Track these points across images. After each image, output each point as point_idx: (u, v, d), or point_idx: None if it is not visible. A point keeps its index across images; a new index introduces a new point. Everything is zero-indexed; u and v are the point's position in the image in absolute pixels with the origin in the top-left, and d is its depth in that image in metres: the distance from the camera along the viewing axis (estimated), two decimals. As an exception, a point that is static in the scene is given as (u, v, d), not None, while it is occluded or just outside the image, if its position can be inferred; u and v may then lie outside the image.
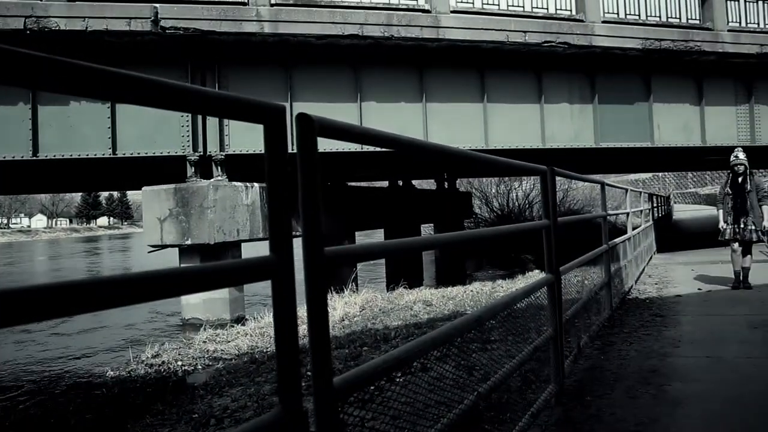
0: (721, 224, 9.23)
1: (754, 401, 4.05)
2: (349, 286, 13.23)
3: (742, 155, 9.10)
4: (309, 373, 1.52)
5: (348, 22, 13.31)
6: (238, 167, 13.86)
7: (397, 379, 4.68)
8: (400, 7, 13.92)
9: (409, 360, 2.05)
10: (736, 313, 7.22)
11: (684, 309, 7.74)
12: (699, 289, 9.44)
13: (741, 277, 9.15)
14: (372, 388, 4.08)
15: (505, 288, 11.88)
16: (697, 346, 5.68)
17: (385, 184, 26.17)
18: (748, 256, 9.14)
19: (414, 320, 9.36)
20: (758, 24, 17.65)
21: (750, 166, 9.20)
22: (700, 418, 3.83)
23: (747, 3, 17.73)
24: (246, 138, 13.32)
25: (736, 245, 9.10)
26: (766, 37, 17.38)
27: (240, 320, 12.38)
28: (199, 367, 8.20)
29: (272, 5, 12.95)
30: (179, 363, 8.32)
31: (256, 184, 13.37)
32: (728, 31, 16.95)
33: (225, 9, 12.67)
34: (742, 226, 9.00)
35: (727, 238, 9.14)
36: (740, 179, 9.07)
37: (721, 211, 9.32)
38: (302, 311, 1.50)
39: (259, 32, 12.87)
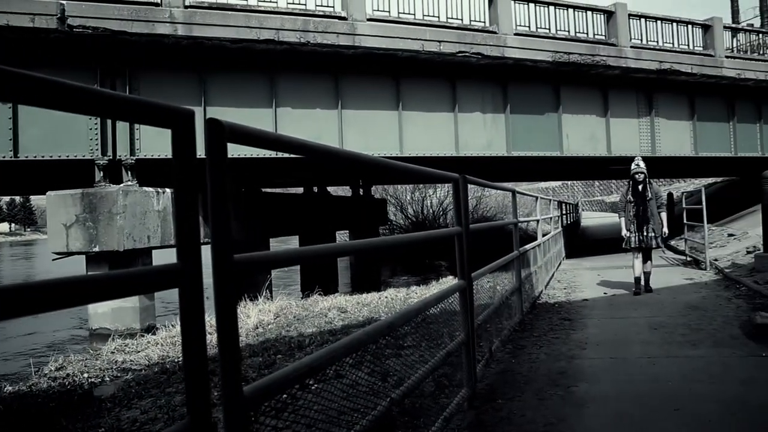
0: (624, 232, 9.37)
1: (654, 399, 4.24)
2: (264, 294, 13.05)
3: (642, 164, 9.36)
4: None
5: (264, 26, 13.18)
6: (150, 172, 13.49)
7: (312, 387, 4.65)
8: (316, 13, 13.89)
9: (321, 367, 2.03)
10: (638, 316, 7.53)
11: (591, 312, 8.01)
12: (604, 293, 9.79)
13: (642, 282, 9.37)
14: (285, 396, 4.04)
15: (419, 294, 11.97)
16: (602, 347, 5.89)
17: (300, 190, 26.04)
18: (649, 261, 9.41)
19: (329, 327, 9.31)
20: (657, 42, 18.57)
21: (650, 176, 9.55)
22: (605, 416, 3.98)
23: (648, 21, 18.64)
24: (158, 142, 12.97)
25: (636, 252, 9.32)
26: (665, 54, 18.32)
27: (151, 329, 12.01)
28: (107, 378, 7.89)
29: (186, 7, 12.68)
30: (85, 375, 7.99)
31: (168, 190, 13.04)
32: (631, 47, 17.76)
33: (137, 9, 12.30)
34: (644, 233, 9.19)
35: (632, 246, 9.29)
36: (641, 187, 9.25)
37: (623, 219, 9.46)
38: (214, 319, 1.47)
39: (173, 34, 12.57)
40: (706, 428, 3.67)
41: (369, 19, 14.29)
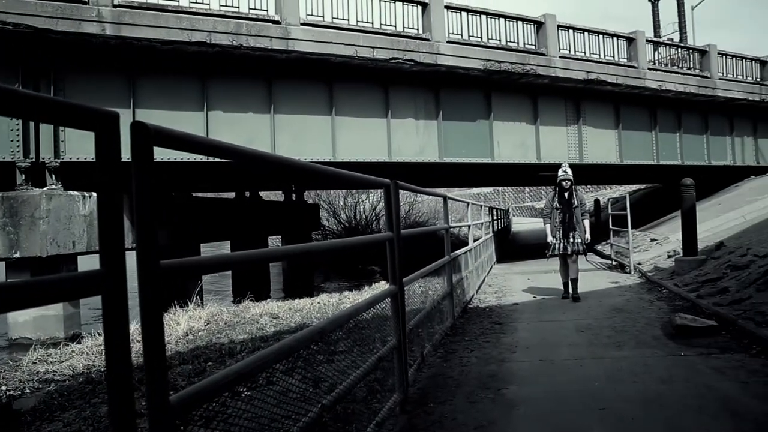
0: (550, 238, 9.44)
1: (579, 399, 4.36)
2: (194, 300, 12.80)
3: (569, 171, 9.45)
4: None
5: (196, 28, 12.96)
6: (76, 175, 13.06)
7: (243, 394, 4.59)
8: (249, 16, 13.73)
9: (250, 374, 2.01)
10: (566, 319, 7.72)
11: (521, 316, 8.16)
12: (534, 297, 9.98)
13: (570, 288, 9.42)
14: (216, 404, 3.97)
15: (351, 299, 11.97)
16: (531, 350, 6.01)
17: (232, 195, 25.69)
18: (575, 268, 9.42)
19: (260, 333, 9.22)
20: (585, 52, 19.11)
21: (578, 183, 9.74)
22: (534, 417, 4.06)
23: (576, 33, 19.16)
24: (84, 144, 12.55)
25: (562, 259, 9.40)
26: (592, 64, 18.88)
27: (76, 338, 11.62)
28: (27, 390, 7.60)
29: (115, 6, 12.33)
30: (3, 388, 7.68)
31: (95, 194, 12.61)
32: (560, 57, 18.21)
33: (62, 6, 11.86)
34: (570, 240, 9.25)
35: (558, 252, 9.35)
36: (567, 194, 9.30)
37: (548, 225, 9.53)
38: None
39: (100, 34, 12.20)
40: (629, 426, 3.80)
41: (303, 24, 14.22)
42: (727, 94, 22.81)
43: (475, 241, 10.75)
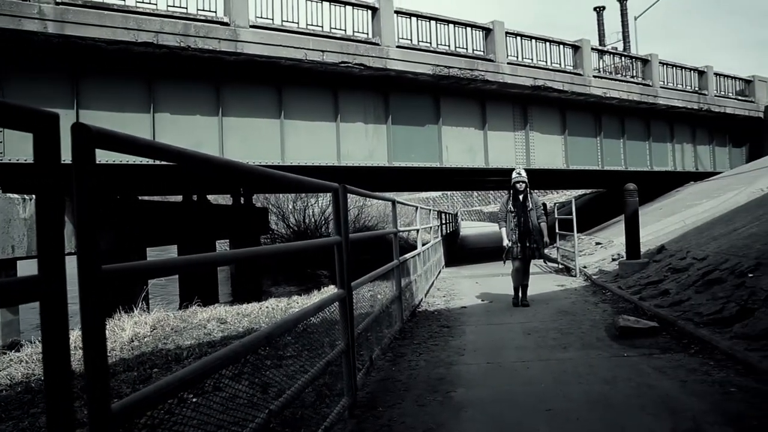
0: (506, 242, 9.12)
1: (527, 400, 4.42)
2: (140, 305, 12.55)
3: (523, 173, 9.24)
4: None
5: (142, 29, 12.72)
6: (17, 178, 12.69)
7: (191, 401, 4.51)
8: (198, 17, 13.55)
9: (195, 381, 1.98)
10: (514, 322, 7.82)
11: (469, 319, 8.23)
12: (482, 300, 10.07)
13: (520, 294, 9.20)
14: (161, 411, 3.90)
15: (300, 304, 11.91)
16: (479, 353, 6.06)
17: (179, 198, 25.30)
18: (527, 273, 9.27)
19: (208, 339, 9.10)
20: (532, 59, 19.42)
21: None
22: (481, 419, 4.10)
23: (523, 40, 19.45)
24: (25, 146, 12.16)
25: (518, 263, 9.09)
26: (539, 71, 19.20)
27: (14, 346, 11.26)
28: (-39, 401, 7.33)
29: (58, 4, 11.99)
30: (-65, 398, 7.39)
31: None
32: (508, 63, 18.46)
33: (0, 2, 11.53)
34: (526, 244, 9.04)
35: (513, 257, 9.09)
36: (521, 197, 9.06)
37: (503, 229, 9.20)
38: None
39: (42, 32, 11.86)
40: (574, 426, 3.87)
41: (252, 26, 14.10)
42: (668, 102, 23.50)
43: (423, 245, 10.80)
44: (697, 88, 25.35)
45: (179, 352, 8.06)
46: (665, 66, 24.36)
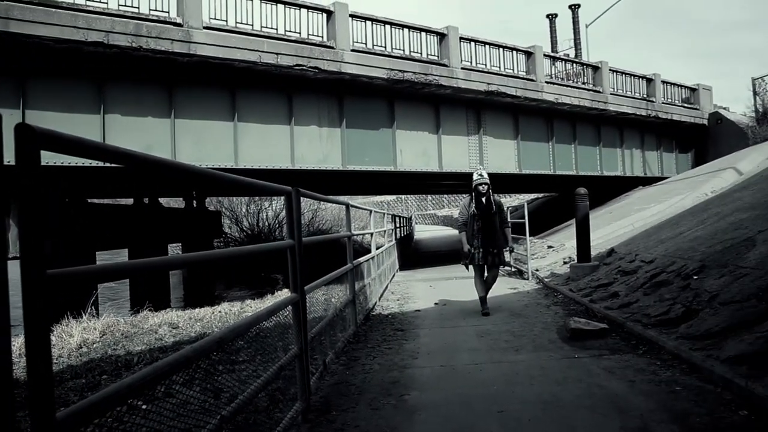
0: (467, 248, 8.62)
1: (480, 402, 4.46)
2: (89, 310, 12.28)
3: (485, 174, 8.82)
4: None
5: (92, 28, 12.45)
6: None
7: (140, 408, 4.43)
8: (150, 18, 13.32)
9: (146, 386, 1.94)
10: (467, 325, 7.87)
11: (422, 323, 8.26)
12: (436, 304, 10.11)
13: (482, 301, 8.72)
14: (109, 419, 3.82)
15: (253, 308, 11.80)
16: (433, 356, 6.09)
17: (130, 201, 24.87)
18: (491, 279, 8.85)
19: (159, 344, 8.95)
20: (486, 64, 19.63)
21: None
22: (434, 422, 4.13)
23: (477, 45, 19.64)
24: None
25: (480, 270, 8.69)
26: (492, 76, 19.41)
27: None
28: None
29: (2, 0, 11.67)
30: None
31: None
32: (462, 68, 18.62)
33: (-60, 0, 11.17)
34: (491, 249, 8.55)
35: (477, 263, 8.58)
36: (484, 200, 8.56)
37: (464, 233, 8.70)
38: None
39: (-16, 29, 11.55)
40: (526, 427, 3.92)
41: (206, 28, 13.94)
42: (617, 108, 24.00)
43: (378, 248, 10.82)
44: (645, 95, 25.97)
45: (129, 358, 7.91)
46: (615, 73, 24.89)
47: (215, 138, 15.04)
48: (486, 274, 8.82)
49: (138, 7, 13.24)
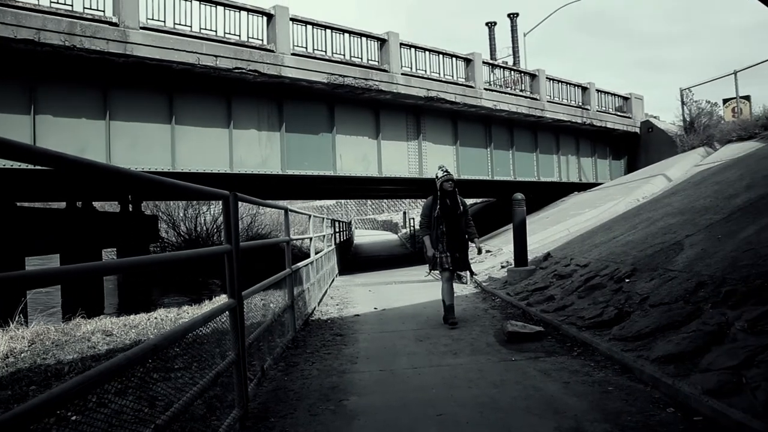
0: (431, 252, 8.04)
1: (418, 406, 4.51)
2: (17, 318, 11.86)
3: (450, 170, 8.34)
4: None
5: (22, 25, 12.00)
6: None
7: (71, 419, 4.31)
8: (85, 16, 12.93)
9: (76, 396, 1.89)
10: (406, 329, 7.91)
11: (362, 327, 8.27)
12: (375, 308, 10.13)
13: (449, 310, 8.06)
14: None
15: (190, 314, 11.60)
16: (372, 361, 6.11)
17: (63, 205, 24.16)
18: (456, 285, 8.32)
19: (92, 352, 8.70)
20: (426, 70, 19.79)
21: (417, 197, 9.56)
22: (373, 427, 4.15)
23: (417, 51, 19.79)
24: None
25: (448, 275, 8.07)
26: (432, 82, 19.59)
27: None
28: None
29: None
30: None
31: None
32: (402, 74, 18.73)
33: None
34: (457, 254, 8.04)
35: (444, 268, 7.98)
36: (449, 201, 8.05)
37: (427, 237, 8.10)
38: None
39: None
40: (464, 429, 3.98)
41: (142, 28, 13.63)
42: (554, 115, 24.54)
43: (317, 253, 10.78)
44: (581, 103, 26.61)
45: (60, 367, 7.67)
46: (552, 81, 25.43)
47: (152, 141, 14.72)
48: (451, 279, 8.18)
49: (72, 5, 12.84)
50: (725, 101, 24.13)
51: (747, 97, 23.12)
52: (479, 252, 8.36)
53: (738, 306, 5.15)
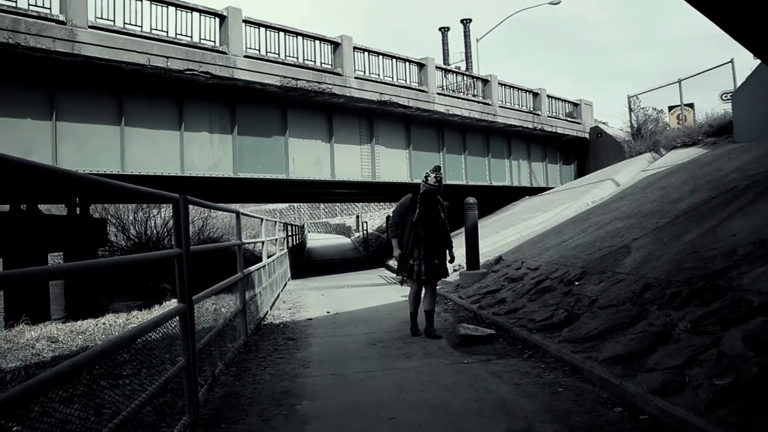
0: (398, 252, 7.47)
1: (370, 410, 4.52)
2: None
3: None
4: None
5: (-40, 22, 11.66)
6: None
7: (14, 430, 4.20)
8: (29, 13, 12.56)
9: (17, 406, 1.83)
10: (359, 333, 7.91)
11: (314, 331, 8.24)
12: (328, 312, 10.11)
13: (423, 320, 7.52)
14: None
15: (140, 319, 11.41)
16: (324, 365, 6.09)
17: (6, 208, 23.47)
18: (434, 296, 7.67)
19: (36, 360, 8.49)
20: (379, 74, 19.84)
21: (371, 201, 9.43)
22: (326, 431, 4.14)
23: (371, 55, 19.83)
24: None
25: (416, 286, 7.50)
26: (385, 86, 19.65)
27: None
28: None
29: None
30: None
31: None
32: (355, 78, 18.74)
33: None
34: (435, 261, 7.39)
35: (418, 277, 7.34)
36: (431, 208, 7.47)
37: (396, 239, 7.51)
38: None
39: None
40: (416, 434, 3.98)
41: (91, 27, 13.34)
42: (505, 120, 24.86)
43: (269, 257, 10.71)
44: (532, 109, 27.01)
45: (2, 375, 7.46)
46: (504, 86, 25.75)
47: (101, 143, 14.41)
48: (427, 288, 7.54)
49: (16, 1, 12.50)
50: (671, 108, 24.83)
51: (691, 105, 23.82)
52: (452, 260, 7.55)
53: (682, 307, 5.29)
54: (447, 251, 7.56)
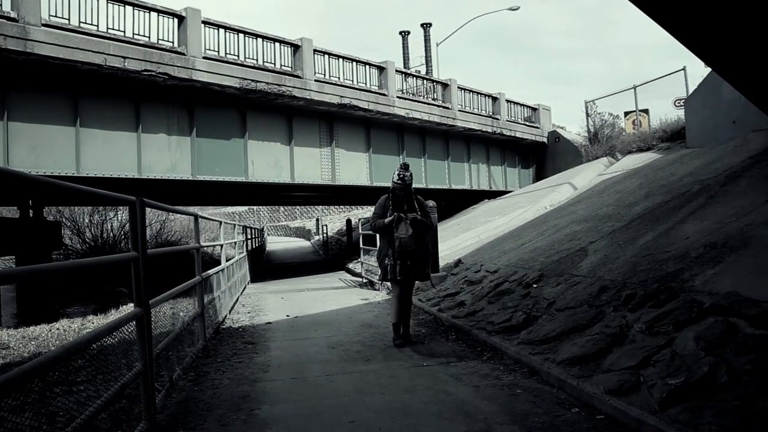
0: (382, 259, 7.29)
1: (330, 413, 4.50)
2: None
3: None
4: None
5: None
6: None
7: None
8: (-22, 11, 12.31)
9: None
10: (318, 336, 7.88)
11: (274, 335, 8.17)
12: (287, 315, 10.04)
13: (401, 329, 7.14)
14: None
15: (96, 323, 11.20)
16: (284, 369, 6.05)
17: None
18: (412, 300, 7.52)
19: (-15, 367, 8.26)
20: (339, 77, 19.84)
21: (330, 203, 9.44)
22: (285, 437, 4.11)
23: (331, 58, 19.81)
24: None
25: (398, 289, 7.14)
26: (345, 89, 19.65)
27: None
28: None
29: None
30: None
31: None
32: (315, 80, 18.69)
33: None
34: (407, 263, 7.04)
35: (396, 278, 7.06)
36: (405, 201, 7.22)
37: (379, 222, 7.25)
38: None
39: None
40: (376, 437, 3.98)
41: (45, 25, 13.06)
42: (465, 124, 25.05)
43: (228, 260, 10.61)
44: (491, 113, 27.26)
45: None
46: (463, 91, 25.94)
47: (55, 144, 14.12)
48: (405, 292, 7.19)
49: (-36, -1, 12.21)
50: (626, 114, 25.32)
51: (646, 111, 24.30)
52: (428, 267, 7.21)
53: (637, 309, 5.40)
54: (424, 252, 7.23)
